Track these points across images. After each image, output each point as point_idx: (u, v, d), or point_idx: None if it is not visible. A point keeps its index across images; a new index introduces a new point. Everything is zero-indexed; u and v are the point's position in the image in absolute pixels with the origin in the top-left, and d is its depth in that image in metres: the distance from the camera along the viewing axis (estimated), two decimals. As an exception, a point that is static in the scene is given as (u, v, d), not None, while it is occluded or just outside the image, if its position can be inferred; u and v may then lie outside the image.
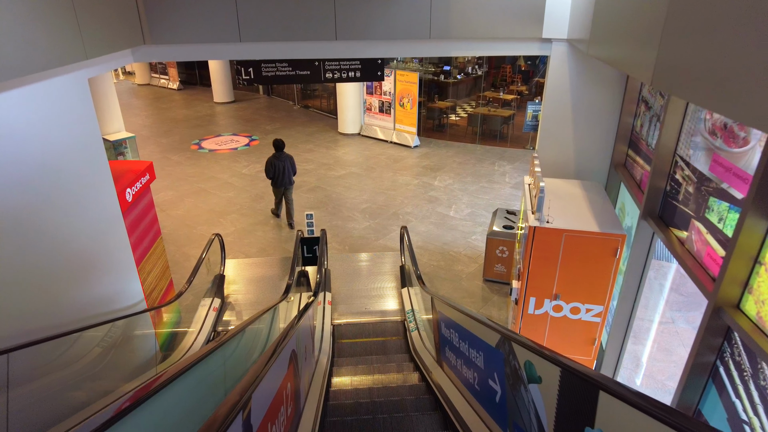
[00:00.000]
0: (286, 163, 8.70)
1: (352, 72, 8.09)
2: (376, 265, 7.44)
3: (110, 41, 4.43)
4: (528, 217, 4.94)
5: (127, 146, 9.55)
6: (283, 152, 8.73)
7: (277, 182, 8.74)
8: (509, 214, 7.36)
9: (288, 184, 8.81)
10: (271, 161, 8.63)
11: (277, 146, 8.70)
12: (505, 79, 20.09)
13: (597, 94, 5.62)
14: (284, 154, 8.74)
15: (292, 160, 8.82)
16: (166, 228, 9.21)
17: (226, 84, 19.25)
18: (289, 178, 8.79)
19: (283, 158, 8.70)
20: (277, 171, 8.64)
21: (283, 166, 8.65)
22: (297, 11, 5.22)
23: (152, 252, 5.84)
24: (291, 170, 8.80)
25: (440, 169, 11.84)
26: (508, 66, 20.82)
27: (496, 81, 19.98)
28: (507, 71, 20.44)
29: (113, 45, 4.49)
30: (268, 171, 8.67)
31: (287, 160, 8.73)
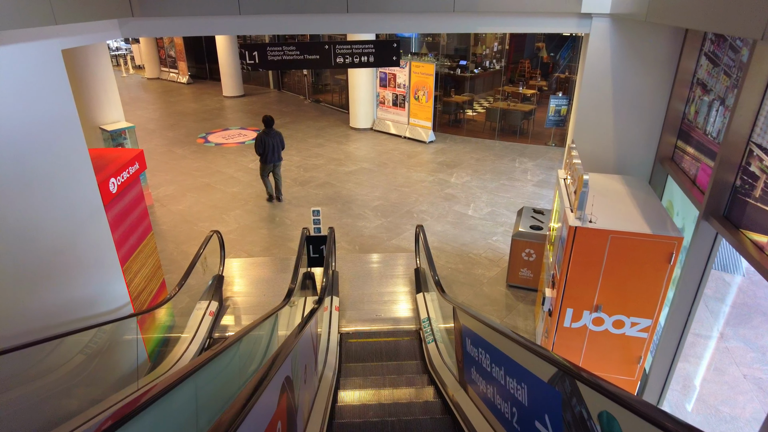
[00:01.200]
0: (276, 140, 8.92)
1: (365, 56, 7.45)
2: (388, 267, 6.82)
3: (87, 8, 3.85)
4: (566, 216, 4.27)
5: (127, 137, 9.04)
6: (272, 129, 8.90)
7: (266, 158, 8.94)
8: (536, 214, 6.68)
9: (277, 160, 9.06)
10: (260, 137, 8.81)
11: (267, 122, 8.87)
12: (523, 74, 19.34)
13: (642, 77, 4.93)
14: (273, 131, 8.92)
15: (281, 136, 9.02)
16: (166, 224, 8.68)
17: (235, 77, 18.77)
18: (278, 155, 9.04)
19: (273, 134, 8.89)
20: (267, 147, 8.84)
21: (272, 143, 8.85)
22: (303, -21, 4.62)
23: (141, 249, 5.28)
24: (279, 146, 9.01)
25: (457, 166, 11.18)
26: (527, 60, 20.08)
27: (514, 76, 19.23)
28: (526, 66, 19.70)
29: (91, 12, 3.91)
30: (258, 147, 8.86)
31: (276, 137, 8.94)
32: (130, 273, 4.97)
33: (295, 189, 9.98)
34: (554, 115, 12.54)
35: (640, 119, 5.09)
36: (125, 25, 4.71)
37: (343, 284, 6.41)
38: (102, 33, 4.46)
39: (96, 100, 8.62)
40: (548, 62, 19.22)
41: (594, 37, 4.89)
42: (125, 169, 4.87)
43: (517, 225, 6.47)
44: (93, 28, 4.29)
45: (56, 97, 3.76)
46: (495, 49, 19.71)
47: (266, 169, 9.14)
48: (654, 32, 4.70)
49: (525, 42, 20.50)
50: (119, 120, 9.04)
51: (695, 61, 4.56)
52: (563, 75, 18.32)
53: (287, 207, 9.15)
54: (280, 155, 9.08)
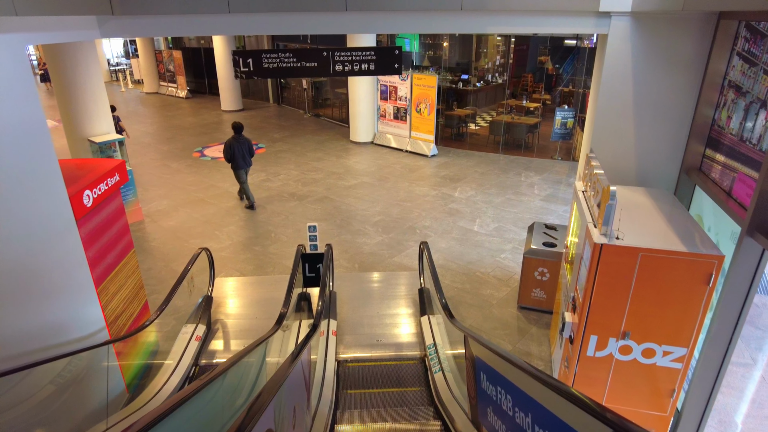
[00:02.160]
0: (245, 146, 8.98)
1: (365, 64, 7.09)
2: (390, 287, 6.35)
3: (56, 1, 3.48)
4: (589, 232, 3.83)
5: (116, 149, 8.65)
6: (242, 135, 9.00)
7: (237, 164, 8.98)
8: (549, 230, 6.23)
9: (246, 165, 9.12)
10: (230, 143, 8.85)
11: (237, 128, 8.96)
12: (526, 89, 19.09)
13: (666, 80, 4.53)
14: (243, 137, 9.00)
15: (250, 143, 9.11)
16: (156, 241, 8.24)
17: (234, 92, 18.51)
18: (248, 160, 9.12)
19: (242, 141, 8.96)
20: (236, 153, 8.89)
21: (241, 149, 8.94)
22: (298, -25, 4.25)
23: (120, 269, 4.83)
24: (248, 153, 9.08)
25: (461, 180, 10.77)
26: (530, 75, 19.86)
27: (516, 90, 18.97)
28: (528, 80, 19.46)
29: (60, 6, 3.53)
30: (226, 153, 8.89)
31: (245, 143, 9.00)
32: (106, 295, 4.51)
33: (292, 204, 9.57)
34: (560, 128, 12.19)
35: (664, 126, 4.68)
36: (105, 24, 4.33)
37: (341, 306, 5.94)
38: (77, 31, 4.08)
39: (85, 111, 8.26)
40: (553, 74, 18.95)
41: (613, 37, 4.51)
42: (103, 180, 4.45)
43: (528, 242, 6.02)
44: (66, 25, 3.91)
45: (19, 98, 3.36)
46: (497, 62, 19.50)
47: (240, 176, 9.14)
48: (679, 31, 4.32)
49: (527, 56, 20.31)
50: (109, 132, 8.67)
51: (726, 61, 4.17)
52: (567, 89, 18.05)
53: (284, 223, 8.72)
54: (249, 161, 9.16)
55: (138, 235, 8.48)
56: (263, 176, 11.16)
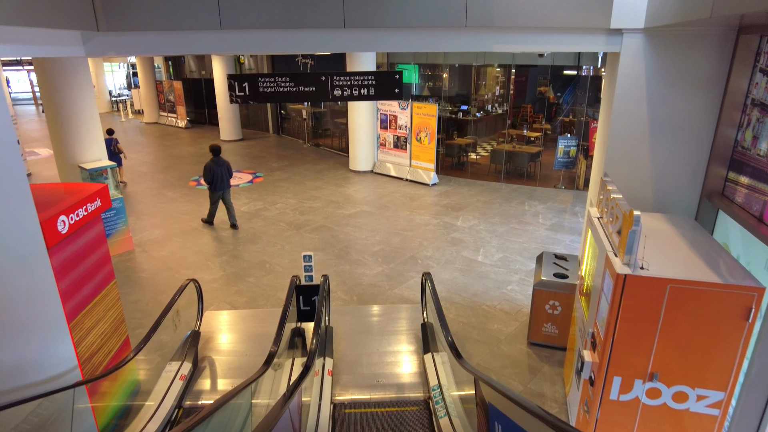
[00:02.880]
0: (224, 168, 9.21)
1: (365, 88, 6.88)
2: (390, 322, 5.94)
3: (32, 12, 3.24)
4: (610, 262, 3.48)
5: (108, 176, 8.37)
6: (220, 157, 9.24)
7: (216, 186, 9.18)
8: (559, 260, 5.88)
9: (226, 187, 9.31)
10: (210, 166, 9.07)
11: (215, 151, 9.23)
12: (526, 119, 19.06)
13: (684, 100, 4.28)
14: (222, 159, 9.24)
15: (229, 165, 9.37)
16: (145, 271, 7.86)
17: (234, 121, 18.46)
18: (227, 182, 9.30)
19: (221, 163, 9.19)
20: (216, 175, 9.09)
21: (221, 171, 9.14)
22: (294, -10, 4.05)
23: (99, 301, 4.45)
24: (227, 174, 9.29)
25: (463, 209, 10.47)
26: (529, 105, 19.88)
27: (516, 120, 18.94)
28: (528, 110, 19.47)
29: (38, 18, 3.30)
30: (207, 175, 9.09)
31: (224, 165, 9.23)
32: (80, 330, 4.12)
33: (289, 233, 9.23)
34: (563, 157, 11.98)
35: (682, 148, 4.40)
36: (90, 41, 4.11)
37: (337, 342, 5.52)
38: (60, 47, 3.84)
39: (76, 136, 8.03)
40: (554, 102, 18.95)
41: (626, 56, 4.29)
42: (81, 205, 4.13)
43: (538, 273, 5.66)
44: (47, 39, 3.67)
45: (-15, 113, 3.08)
46: (497, 93, 19.55)
47: (215, 197, 9.36)
48: (696, 48, 4.09)
49: (527, 86, 20.40)
50: (101, 158, 8.42)
51: (748, 78, 3.92)
52: (567, 118, 18.01)
53: (279, 253, 8.37)
54: (228, 183, 9.35)
55: (127, 265, 8.11)
56: (260, 205, 10.87)
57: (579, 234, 9.08)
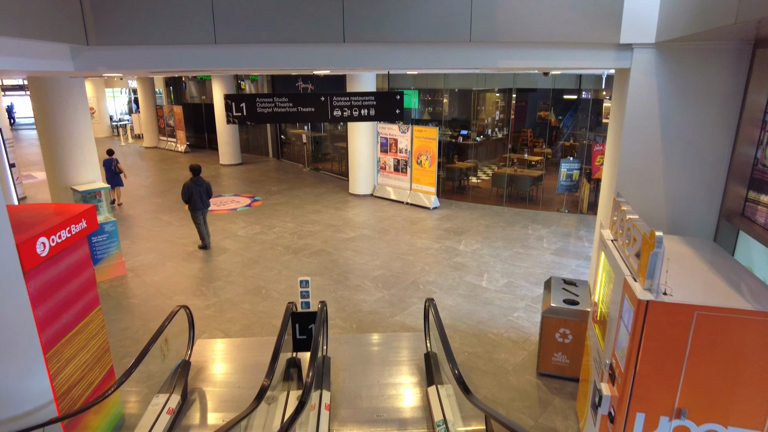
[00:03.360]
0: (202, 188, 9.12)
1: (365, 109, 6.73)
2: (391, 351, 5.63)
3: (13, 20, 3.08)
4: (629, 287, 3.23)
5: (102, 198, 8.16)
6: (200, 177, 9.15)
7: (195, 206, 9.07)
8: (568, 285, 5.61)
9: (204, 207, 9.21)
10: (188, 186, 8.98)
11: (194, 170, 9.17)
12: (526, 143, 19.02)
13: (698, 117, 4.10)
14: (201, 179, 9.15)
15: (208, 185, 9.28)
16: (137, 297, 7.57)
17: (233, 146, 18.39)
18: (206, 202, 9.22)
19: (201, 183, 9.11)
20: (194, 194, 9.00)
21: (199, 191, 9.06)
22: (291, 4, 3.91)
23: (80, 329, 4.17)
24: (206, 194, 9.20)
25: (465, 233, 10.23)
26: (529, 130, 19.89)
27: (516, 145, 18.90)
28: (528, 135, 19.45)
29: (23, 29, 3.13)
30: (184, 194, 9.03)
31: (203, 185, 9.15)
32: (58, 360, 3.83)
33: (286, 257, 8.96)
34: (566, 180, 11.82)
35: (697, 167, 4.20)
36: (79, 56, 3.95)
37: (335, 373, 5.21)
38: (46, 60, 3.68)
39: (69, 158, 7.86)
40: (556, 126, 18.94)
41: (636, 72, 4.13)
42: (65, 227, 3.90)
43: (547, 299, 5.38)
44: (32, 52, 3.51)
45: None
46: (497, 117, 19.57)
47: (198, 217, 9.22)
48: (710, 63, 3.93)
49: (526, 111, 20.45)
50: (95, 180, 8.23)
51: (766, 94, 3.74)
52: (568, 143, 17.96)
53: (276, 278, 8.09)
54: (207, 202, 9.25)
55: (119, 290, 7.82)
56: (258, 229, 10.63)
57: (585, 258, 8.82)
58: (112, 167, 12.55)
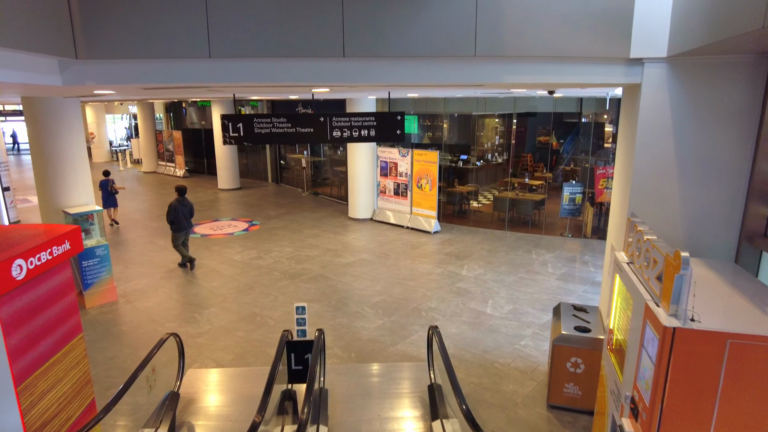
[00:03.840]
0: (186, 209, 9.21)
1: (365, 130, 6.59)
2: (393, 383, 5.31)
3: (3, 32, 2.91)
4: (652, 313, 2.97)
5: (95, 221, 7.94)
6: (185, 198, 9.27)
7: (180, 226, 9.14)
8: (579, 312, 5.34)
9: (187, 227, 9.30)
10: (174, 206, 9.09)
11: (180, 191, 9.31)
12: (526, 168, 18.94)
13: (714, 133, 3.92)
14: (186, 200, 9.26)
15: (192, 206, 9.39)
16: (127, 324, 7.26)
17: (232, 170, 18.27)
18: (189, 222, 9.30)
19: (186, 203, 9.22)
20: (179, 215, 9.10)
21: (183, 211, 9.15)
22: (289, 17, 3.78)
23: (59, 359, 3.88)
24: (189, 215, 9.28)
25: (467, 257, 9.97)
26: (529, 155, 19.85)
27: (516, 170, 18.82)
28: (528, 160, 19.39)
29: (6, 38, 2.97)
30: (169, 215, 9.10)
31: (187, 206, 9.25)
32: (31, 394, 3.53)
33: (283, 283, 8.68)
34: (569, 204, 11.63)
35: (715, 186, 4.00)
36: (68, 70, 3.78)
37: (333, 406, 4.87)
38: (32, 74, 3.51)
39: (62, 180, 7.66)
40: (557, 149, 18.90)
41: (648, 87, 3.97)
42: (46, 248, 3.66)
43: (556, 327, 5.10)
44: (17, 64, 3.34)
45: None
46: (497, 142, 19.56)
47: (179, 238, 9.28)
48: (724, 77, 3.78)
49: (526, 136, 20.45)
50: (88, 203, 8.02)
51: (788, 109, 3.57)
52: (568, 167, 17.88)
53: (272, 304, 7.79)
54: (190, 223, 9.34)
55: (108, 317, 7.51)
56: (254, 254, 10.37)
57: (592, 284, 8.54)
58: (108, 188, 12.50)
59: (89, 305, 7.85)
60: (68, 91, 4.89)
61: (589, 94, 10.27)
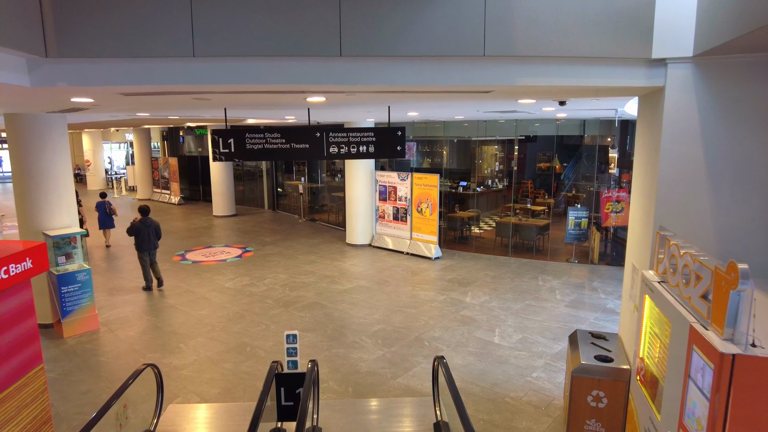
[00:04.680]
0: (151, 229, 9.19)
1: (364, 146, 6.25)
2: (394, 420, 4.77)
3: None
4: (701, 337, 2.53)
5: (77, 245, 7.49)
6: (149, 218, 9.28)
7: (143, 246, 9.12)
8: (598, 339, 4.87)
9: (153, 248, 9.28)
10: (137, 226, 9.10)
11: (143, 211, 9.33)
12: (526, 194, 18.65)
13: (748, 138, 3.56)
14: (150, 220, 9.26)
15: (157, 226, 9.35)
16: (106, 355, 6.73)
17: (228, 197, 17.91)
18: (154, 243, 9.28)
19: (149, 223, 9.20)
20: (142, 235, 9.08)
21: (147, 231, 9.13)
22: (281, 12, 3.47)
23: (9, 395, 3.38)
24: (154, 235, 9.26)
25: (471, 284, 9.50)
26: (529, 181, 19.61)
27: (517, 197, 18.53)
28: (528, 186, 19.13)
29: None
30: (130, 231, 9.14)
31: (152, 226, 9.23)
32: (-25, 437, 3.03)
33: (276, 311, 8.18)
34: (574, 229, 11.24)
35: (750, 195, 3.61)
36: (37, 70, 3.44)
37: (328, 447, 4.34)
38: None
39: (45, 201, 7.26)
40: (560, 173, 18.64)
41: (672, 90, 3.64)
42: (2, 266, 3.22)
43: (574, 356, 4.62)
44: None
45: None
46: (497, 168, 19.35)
47: (144, 258, 9.22)
48: (756, 78, 3.45)
49: (525, 163, 20.26)
50: (71, 226, 7.59)
51: (832, 110, 3.23)
52: (570, 194, 17.59)
53: (263, 334, 7.27)
54: (155, 243, 9.31)
55: (87, 347, 6.98)
56: (247, 280, 9.88)
57: (603, 311, 8.07)
58: (105, 210, 12.43)
59: (68, 334, 7.32)
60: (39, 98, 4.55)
61: (596, 114, 10.02)
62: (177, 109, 5.26)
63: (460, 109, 7.72)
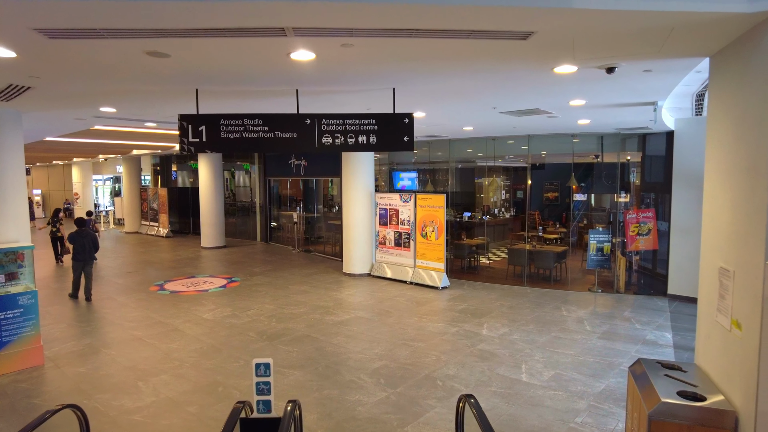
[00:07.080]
0: (87, 240, 9.29)
1: (364, 135, 5.21)
2: (404, 484, 3.50)
3: None
4: None
5: (24, 263, 6.32)
6: (84, 229, 9.39)
7: (77, 256, 9.22)
8: (672, 371, 3.67)
9: (89, 259, 9.37)
10: (74, 237, 9.23)
11: (79, 222, 9.51)
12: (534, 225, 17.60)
13: None
14: (86, 231, 9.38)
15: (93, 237, 9.49)
16: (43, 395, 5.45)
17: (217, 227, 16.78)
18: (90, 254, 9.38)
19: (84, 234, 9.30)
20: (78, 246, 9.19)
21: (83, 242, 9.23)
22: None
23: None
24: (91, 246, 9.35)
25: (486, 315, 8.28)
26: (536, 212, 18.61)
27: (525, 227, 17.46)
28: (536, 217, 18.12)
29: None
30: (70, 239, 9.23)
31: (88, 237, 9.33)
32: None
33: (258, 345, 6.92)
34: (596, 254, 10.10)
35: None
36: None
37: None
38: None
39: (-13, 211, 6.17)
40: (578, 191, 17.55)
41: None
42: None
43: (649, 393, 3.41)
44: None
45: None
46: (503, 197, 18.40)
47: (78, 267, 9.33)
48: None
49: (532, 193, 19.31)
50: (19, 240, 6.46)
51: None
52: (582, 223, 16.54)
53: (240, 371, 6.00)
54: (92, 255, 9.40)
55: (21, 386, 5.70)
56: (228, 311, 8.64)
57: (644, 343, 6.83)
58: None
59: (2, 371, 6.04)
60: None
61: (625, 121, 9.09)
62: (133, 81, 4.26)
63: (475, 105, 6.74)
